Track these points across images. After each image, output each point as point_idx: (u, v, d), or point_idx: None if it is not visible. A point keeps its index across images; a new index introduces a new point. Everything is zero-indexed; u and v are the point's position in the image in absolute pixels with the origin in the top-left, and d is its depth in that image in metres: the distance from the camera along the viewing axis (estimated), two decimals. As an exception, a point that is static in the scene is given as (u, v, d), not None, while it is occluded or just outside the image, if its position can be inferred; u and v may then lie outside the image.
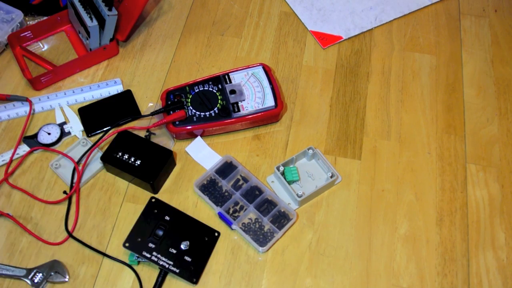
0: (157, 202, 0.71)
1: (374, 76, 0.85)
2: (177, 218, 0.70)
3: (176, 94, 0.77)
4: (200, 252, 0.68)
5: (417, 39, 0.90)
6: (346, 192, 0.73)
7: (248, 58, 0.87)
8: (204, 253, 0.68)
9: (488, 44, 0.89)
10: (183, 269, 0.66)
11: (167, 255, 0.66)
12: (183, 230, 0.69)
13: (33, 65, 0.85)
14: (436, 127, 0.80)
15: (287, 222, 0.69)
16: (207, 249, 0.68)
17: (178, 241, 0.68)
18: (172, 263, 0.66)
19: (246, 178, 0.73)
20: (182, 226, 0.69)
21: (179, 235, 0.68)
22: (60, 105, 0.81)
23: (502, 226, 0.71)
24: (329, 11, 0.93)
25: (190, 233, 0.69)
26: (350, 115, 0.81)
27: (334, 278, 0.67)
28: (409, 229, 0.71)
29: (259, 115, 0.76)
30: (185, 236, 0.68)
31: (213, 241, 0.69)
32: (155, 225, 0.68)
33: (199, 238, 0.69)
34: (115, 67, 0.86)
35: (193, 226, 0.70)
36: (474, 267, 0.68)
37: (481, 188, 0.74)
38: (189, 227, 0.69)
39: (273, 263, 0.68)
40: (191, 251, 0.67)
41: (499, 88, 0.84)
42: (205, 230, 0.70)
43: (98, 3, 0.79)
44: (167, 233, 0.68)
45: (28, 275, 0.65)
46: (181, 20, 0.92)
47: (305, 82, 0.84)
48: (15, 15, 0.86)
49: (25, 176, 0.74)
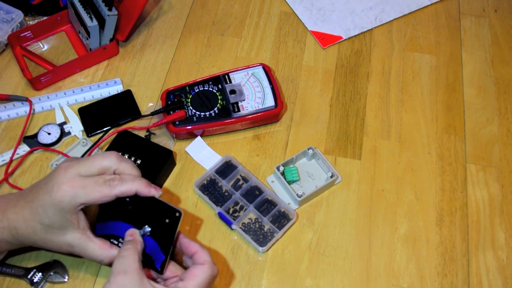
0: None
1: (374, 76, 0.85)
2: (137, 199, 0.59)
3: (176, 94, 0.77)
4: (162, 237, 0.58)
5: (417, 39, 0.90)
6: (346, 192, 0.73)
7: (248, 58, 0.87)
8: (166, 238, 0.58)
9: (488, 44, 0.89)
10: (146, 257, 0.58)
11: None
12: (144, 213, 0.59)
13: (33, 65, 0.85)
14: (436, 127, 0.80)
15: (287, 222, 0.69)
16: (168, 233, 0.58)
17: (140, 226, 0.59)
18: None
19: (246, 178, 0.73)
20: (143, 208, 0.59)
21: (140, 219, 0.59)
22: (60, 105, 0.81)
23: (502, 226, 0.71)
24: (329, 11, 0.93)
25: (151, 215, 0.59)
26: (350, 115, 0.81)
27: (334, 278, 0.67)
28: (409, 229, 0.71)
29: (259, 115, 0.76)
30: (146, 219, 0.59)
31: (174, 223, 0.58)
32: (118, 208, 0.60)
33: (160, 220, 0.59)
34: (115, 67, 0.86)
35: (154, 207, 0.59)
36: (474, 267, 0.68)
37: (481, 188, 0.74)
38: (149, 209, 0.59)
39: (273, 263, 0.68)
40: (154, 235, 0.59)
41: (499, 88, 0.84)
42: (166, 210, 0.58)
43: (98, 3, 0.79)
44: (128, 217, 0.60)
45: (27, 275, 0.65)
46: (181, 20, 0.92)
47: (305, 82, 0.84)
48: (15, 15, 0.86)
49: (25, 176, 0.74)
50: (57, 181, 0.54)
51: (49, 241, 0.57)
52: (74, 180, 0.54)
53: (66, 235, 0.57)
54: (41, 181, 0.57)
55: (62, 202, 0.54)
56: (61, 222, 0.55)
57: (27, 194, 0.57)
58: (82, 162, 0.56)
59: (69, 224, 0.56)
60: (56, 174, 0.55)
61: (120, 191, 0.56)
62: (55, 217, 0.55)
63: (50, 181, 0.55)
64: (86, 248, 0.58)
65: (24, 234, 0.57)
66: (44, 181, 0.56)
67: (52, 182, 0.54)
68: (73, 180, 0.54)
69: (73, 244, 0.57)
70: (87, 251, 0.58)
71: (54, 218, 0.55)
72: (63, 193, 0.54)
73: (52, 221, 0.55)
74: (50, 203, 0.54)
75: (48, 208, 0.55)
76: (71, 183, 0.54)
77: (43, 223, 0.56)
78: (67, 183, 0.54)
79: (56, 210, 0.54)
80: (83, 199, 0.54)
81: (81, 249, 0.58)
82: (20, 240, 0.58)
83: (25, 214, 0.56)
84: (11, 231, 0.57)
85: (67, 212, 0.55)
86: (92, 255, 0.58)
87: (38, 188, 0.56)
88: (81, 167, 0.56)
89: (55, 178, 0.55)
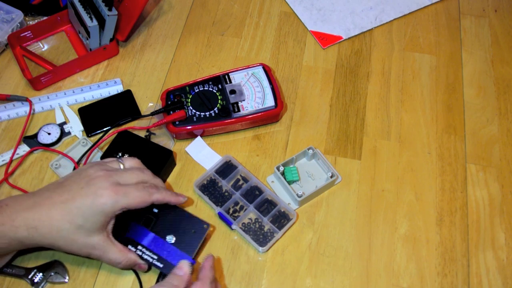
0: None
1: (374, 76, 0.85)
2: (165, 210, 0.66)
3: (176, 94, 0.77)
4: (186, 246, 0.65)
5: (417, 39, 0.90)
6: (346, 192, 0.73)
7: (248, 58, 0.87)
8: (190, 247, 0.65)
9: (488, 44, 0.89)
10: (166, 264, 0.64)
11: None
12: (170, 223, 0.66)
13: (33, 65, 0.85)
14: (436, 127, 0.80)
15: (287, 222, 0.69)
16: (193, 242, 0.65)
17: (164, 235, 0.65)
18: (156, 258, 0.64)
19: (246, 178, 0.73)
20: (170, 219, 0.66)
21: (166, 228, 0.66)
22: (60, 105, 0.81)
23: (502, 226, 0.71)
24: (329, 11, 0.93)
25: (178, 226, 0.66)
26: (350, 115, 0.81)
27: (334, 278, 0.67)
28: (409, 229, 0.71)
29: (259, 115, 0.76)
30: (172, 229, 0.66)
31: (200, 234, 0.66)
32: (142, 217, 0.66)
33: (186, 231, 0.66)
34: (115, 67, 0.86)
35: (181, 219, 0.66)
36: (474, 267, 0.68)
37: (481, 188, 0.74)
38: (177, 220, 0.66)
39: (273, 263, 0.68)
40: (177, 244, 0.65)
41: (499, 88, 0.84)
42: (193, 222, 0.66)
43: (98, 3, 0.79)
44: (153, 226, 0.66)
45: (27, 275, 0.65)
46: (181, 20, 0.92)
47: (305, 82, 0.84)
48: (15, 15, 0.86)
49: (25, 176, 0.74)
50: (100, 186, 0.59)
51: (72, 242, 0.59)
52: (116, 186, 0.59)
53: (93, 237, 0.60)
54: (71, 185, 0.60)
55: (105, 205, 0.58)
56: (94, 224, 0.59)
57: (51, 195, 0.59)
58: (121, 174, 0.61)
59: (100, 226, 0.59)
60: (97, 181, 0.59)
61: (157, 198, 0.62)
62: (91, 218, 0.58)
63: (89, 186, 0.59)
64: (108, 251, 0.61)
65: (45, 233, 0.58)
66: (79, 185, 0.59)
67: (93, 187, 0.59)
68: (115, 186, 0.59)
69: (96, 246, 0.60)
70: (108, 254, 0.61)
71: (90, 219, 0.58)
72: (107, 198, 0.58)
73: (85, 222, 0.58)
74: (91, 205, 0.58)
75: (87, 210, 0.58)
76: (114, 188, 0.59)
77: (74, 223, 0.58)
78: (110, 188, 0.59)
79: (96, 212, 0.58)
80: (125, 203, 0.59)
81: (103, 251, 0.61)
82: (35, 240, 0.59)
83: (52, 213, 0.58)
84: (29, 230, 0.58)
85: (107, 215, 0.59)
86: (111, 257, 0.62)
87: (71, 192, 0.59)
88: (121, 178, 0.61)
89: (96, 184, 0.59)
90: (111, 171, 0.61)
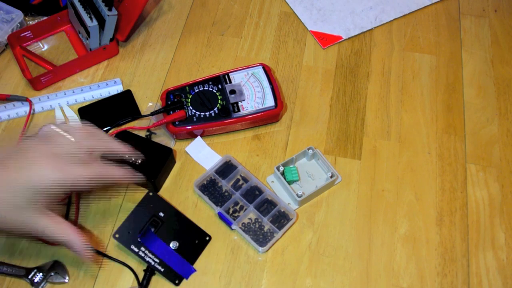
0: (154, 197, 0.70)
1: (374, 76, 0.85)
2: (171, 216, 0.69)
3: (176, 94, 0.77)
4: (188, 254, 0.67)
5: (417, 39, 0.90)
6: (346, 192, 0.73)
7: (248, 58, 0.87)
8: (191, 256, 0.67)
9: (488, 44, 0.89)
10: (167, 268, 0.66)
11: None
12: (175, 229, 0.68)
13: (33, 65, 0.85)
14: (436, 127, 0.80)
15: (287, 222, 0.69)
16: (195, 252, 0.68)
17: (168, 240, 0.67)
18: (158, 261, 0.66)
19: (246, 178, 0.73)
20: (175, 225, 0.69)
21: (170, 234, 0.68)
22: (60, 105, 0.81)
23: (502, 226, 0.71)
24: (329, 11, 0.93)
25: (182, 233, 0.68)
26: (350, 115, 0.81)
27: (334, 278, 0.67)
28: (409, 229, 0.71)
29: (259, 115, 0.76)
30: (176, 235, 0.68)
31: (202, 245, 0.69)
32: (148, 220, 0.68)
33: (190, 239, 0.68)
34: (115, 67, 0.86)
35: (186, 227, 0.69)
36: (474, 267, 0.68)
37: (481, 188, 0.74)
38: (181, 227, 0.69)
39: (273, 263, 0.68)
40: (179, 251, 0.67)
41: (499, 88, 0.84)
42: (197, 232, 0.69)
43: (98, 3, 0.79)
44: (158, 230, 0.68)
45: (27, 275, 0.65)
46: (181, 20, 0.92)
47: (305, 82, 0.84)
48: (15, 15, 0.86)
49: (25, 176, 0.74)
50: (36, 160, 0.56)
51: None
52: (55, 160, 0.56)
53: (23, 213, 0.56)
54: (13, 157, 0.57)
55: (40, 181, 0.55)
56: (25, 200, 0.56)
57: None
58: (64, 145, 0.58)
59: (33, 203, 0.56)
60: (33, 154, 0.57)
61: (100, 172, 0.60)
62: (20, 194, 0.55)
63: (26, 160, 0.56)
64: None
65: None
66: (17, 160, 0.57)
67: (28, 161, 0.56)
68: (54, 160, 0.56)
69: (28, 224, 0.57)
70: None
71: (19, 194, 0.55)
72: (43, 172, 0.55)
73: (14, 198, 0.55)
74: (24, 180, 0.55)
75: (17, 185, 0.55)
76: (52, 163, 0.56)
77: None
78: (47, 162, 0.56)
79: (27, 188, 0.55)
80: (63, 180, 0.56)
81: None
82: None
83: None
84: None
85: (40, 193, 0.56)
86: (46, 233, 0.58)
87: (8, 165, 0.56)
88: (63, 149, 0.58)
89: (32, 157, 0.57)
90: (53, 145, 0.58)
